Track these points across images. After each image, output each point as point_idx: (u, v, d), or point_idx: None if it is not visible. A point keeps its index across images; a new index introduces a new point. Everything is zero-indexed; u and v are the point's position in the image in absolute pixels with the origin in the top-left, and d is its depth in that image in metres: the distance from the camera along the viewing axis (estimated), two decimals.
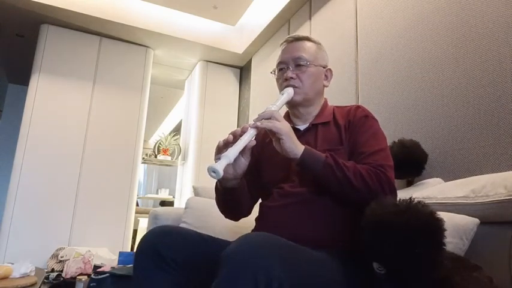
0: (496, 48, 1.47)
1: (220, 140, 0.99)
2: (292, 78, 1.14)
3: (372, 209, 0.82)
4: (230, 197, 1.12)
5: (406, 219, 0.75)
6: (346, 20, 2.43)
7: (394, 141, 1.59)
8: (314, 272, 0.80)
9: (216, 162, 0.94)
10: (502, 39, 1.45)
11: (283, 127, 0.97)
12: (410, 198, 0.81)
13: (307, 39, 1.21)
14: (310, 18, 2.85)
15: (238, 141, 0.97)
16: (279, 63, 1.20)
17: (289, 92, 1.13)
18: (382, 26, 2.10)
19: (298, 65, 1.15)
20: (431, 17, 1.79)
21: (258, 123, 0.98)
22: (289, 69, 1.16)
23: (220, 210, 1.20)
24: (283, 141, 0.96)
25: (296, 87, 1.14)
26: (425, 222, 0.75)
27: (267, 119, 0.99)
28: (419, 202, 0.80)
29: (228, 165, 0.93)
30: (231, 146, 0.96)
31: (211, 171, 0.89)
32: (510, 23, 1.43)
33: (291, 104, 1.18)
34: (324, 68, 1.22)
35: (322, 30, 2.65)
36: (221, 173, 0.89)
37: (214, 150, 1.00)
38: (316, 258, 0.84)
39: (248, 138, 0.98)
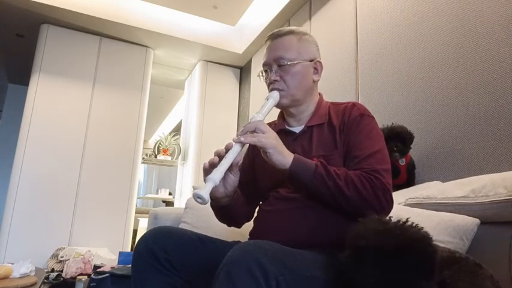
0: (496, 48, 1.47)
1: (205, 162, 0.96)
2: (275, 81, 1.08)
3: (355, 230, 0.74)
4: (226, 212, 1.11)
5: (395, 242, 0.66)
6: (346, 20, 2.43)
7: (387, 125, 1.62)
8: (309, 272, 0.80)
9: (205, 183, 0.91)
10: (502, 39, 1.45)
11: (268, 140, 0.93)
12: (401, 220, 0.73)
13: (291, 32, 1.11)
14: (310, 18, 2.85)
15: (223, 160, 0.94)
16: (263, 65, 1.13)
17: (274, 97, 1.06)
18: (382, 26, 2.10)
19: (280, 65, 1.08)
20: (431, 17, 1.79)
21: (242, 139, 0.93)
22: (272, 71, 1.09)
23: (220, 221, 1.19)
24: (270, 154, 0.92)
25: (281, 90, 1.07)
26: (416, 247, 0.66)
27: (252, 131, 0.95)
28: (411, 224, 0.72)
29: (215, 186, 0.91)
30: (216, 167, 0.93)
31: (197, 197, 0.86)
32: (510, 23, 1.43)
33: (280, 107, 1.13)
34: (311, 61, 1.11)
35: (322, 30, 2.65)
36: (207, 198, 0.86)
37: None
38: (312, 259, 0.84)
39: (233, 155, 0.95)
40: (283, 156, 0.94)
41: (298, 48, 1.10)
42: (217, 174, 0.91)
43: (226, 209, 1.08)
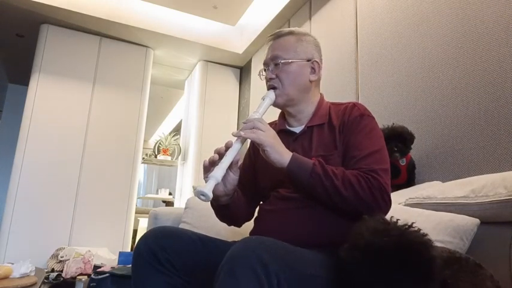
0: (496, 48, 1.47)
1: (205, 159, 0.97)
2: (271, 78, 1.10)
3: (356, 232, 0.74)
4: (226, 211, 1.11)
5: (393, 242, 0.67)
6: (346, 20, 2.43)
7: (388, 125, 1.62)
8: (309, 270, 0.80)
9: (205, 182, 0.92)
10: (502, 39, 1.45)
11: (266, 138, 0.94)
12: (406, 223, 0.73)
13: (290, 33, 1.13)
14: (310, 18, 2.85)
15: (224, 158, 0.95)
16: (263, 64, 1.15)
17: (271, 97, 1.08)
18: (382, 26, 2.10)
19: (276, 64, 1.10)
20: (431, 17, 1.79)
21: (242, 133, 0.96)
22: (269, 70, 1.12)
23: (220, 221, 1.19)
24: (268, 152, 0.94)
25: (276, 87, 1.09)
26: (413, 249, 0.66)
27: (250, 129, 0.96)
28: (416, 229, 0.71)
29: (217, 184, 0.92)
30: (217, 164, 0.94)
31: (200, 194, 0.87)
32: (510, 23, 1.43)
33: (276, 107, 1.14)
34: (308, 61, 1.12)
35: (322, 30, 2.65)
36: (210, 195, 0.87)
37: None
38: (312, 258, 0.84)
39: (233, 153, 0.96)
40: (280, 155, 0.95)
41: (295, 48, 1.11)
42: (219, 171, 0.92)
43: (226, 208, 1.09)
